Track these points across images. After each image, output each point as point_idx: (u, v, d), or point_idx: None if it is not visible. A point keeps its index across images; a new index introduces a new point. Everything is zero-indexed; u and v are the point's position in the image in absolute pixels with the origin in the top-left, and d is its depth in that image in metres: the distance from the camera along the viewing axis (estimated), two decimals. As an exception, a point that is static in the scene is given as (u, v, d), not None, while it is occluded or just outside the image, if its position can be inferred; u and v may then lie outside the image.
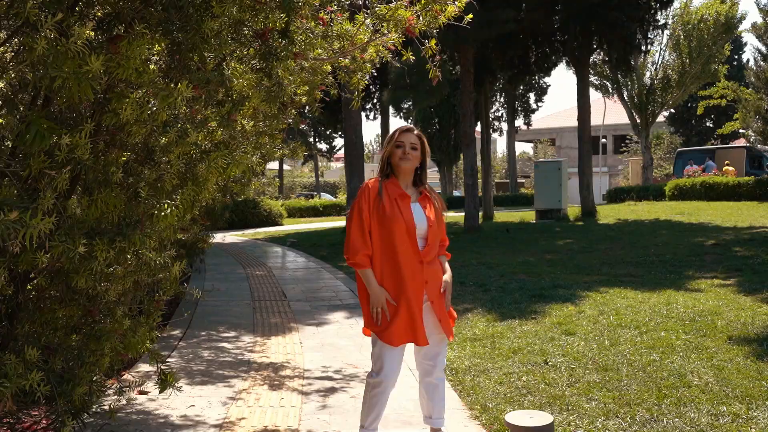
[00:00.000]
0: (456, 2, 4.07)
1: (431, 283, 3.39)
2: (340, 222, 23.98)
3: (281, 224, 25.49)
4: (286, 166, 56.03)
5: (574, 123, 22.58)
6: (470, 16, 4.16)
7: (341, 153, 48.23)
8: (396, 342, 3.32)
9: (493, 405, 4.30)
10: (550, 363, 5.21)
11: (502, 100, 35.54)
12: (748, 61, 43.51)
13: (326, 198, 42.93)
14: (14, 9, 1.82)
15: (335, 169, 66.19)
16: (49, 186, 2.48)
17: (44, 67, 1.97)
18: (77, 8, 2.67)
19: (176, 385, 3.55)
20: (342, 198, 38.88)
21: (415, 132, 3.49)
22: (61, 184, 2.52)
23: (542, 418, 3.70)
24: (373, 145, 70.44)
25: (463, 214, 17.94)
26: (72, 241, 2.48)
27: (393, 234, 3.31)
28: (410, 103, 25.77)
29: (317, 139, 42.43)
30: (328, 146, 44.57)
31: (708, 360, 5.09)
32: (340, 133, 35.74)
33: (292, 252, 14.95)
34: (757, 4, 26.11)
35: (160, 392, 3.42)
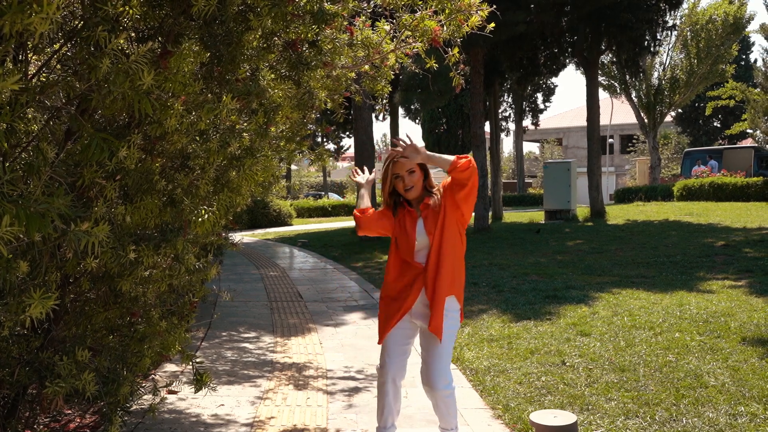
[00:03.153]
0: (479, 12, 4.16)
1: (427, 289, 3.33)
2: (349, 222, 24.07)
3: (291, 224, 25.62)
4: (293, 166, 56.01)
5: (581, 123, 22.65)
6: (492, 24, 4.25)
7: (348, 153, 48.24)
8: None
9: (515, 405, 4.40)
10: (567, 363, 5.31)
11: (509, 100, 35.58)
12: (755, 61, 43.53)
13: (334, 198, 43.05)
14: (85, 32, 1.94)
15: (342, 169, 66.19)
16: (100, 195, 2.60)
17: (106, 84, 2.08)
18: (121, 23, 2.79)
19: (209, 384, 3.67)
20: (350, 198, 38.92)
21: (402, 156, 3.29)
22: (111, 193, 2.64)
23: (566, 417, 3.80)
24: (379, 145, 70.37)
25: (473, 214, 18.03)
26: (122, 248, 2.60)
27: (401, 247, 3.41)
28: (418, 104, 25.86)
29: (325, 140, 42.47)
30: (335, 146, 44.62)
31: (723, 361, 5.19)
32: (348, 133, 35.73)
33: (303, 252, 15.06)
34: (766, 5, 26.12)
35: (196, 392, 3.53)
